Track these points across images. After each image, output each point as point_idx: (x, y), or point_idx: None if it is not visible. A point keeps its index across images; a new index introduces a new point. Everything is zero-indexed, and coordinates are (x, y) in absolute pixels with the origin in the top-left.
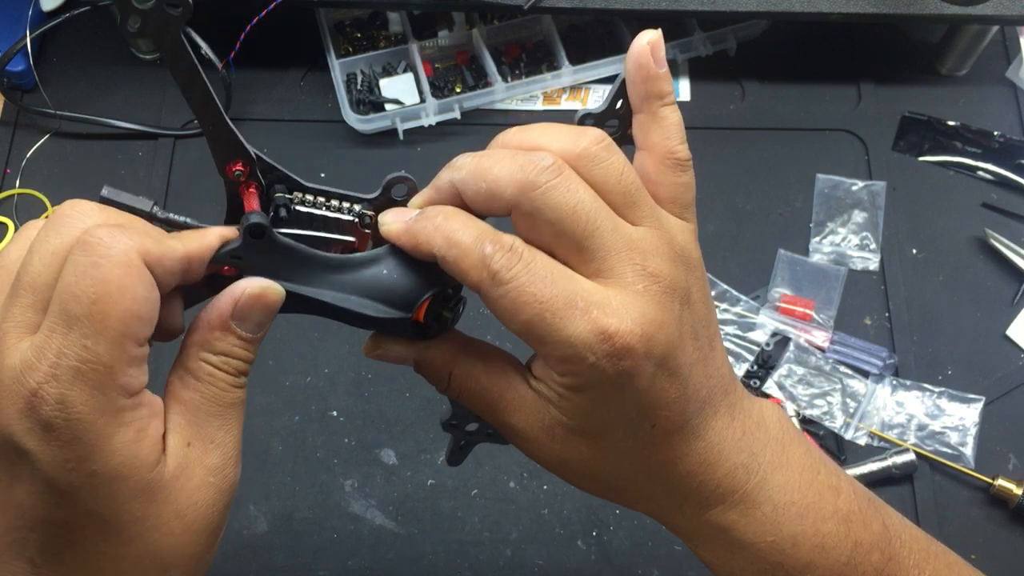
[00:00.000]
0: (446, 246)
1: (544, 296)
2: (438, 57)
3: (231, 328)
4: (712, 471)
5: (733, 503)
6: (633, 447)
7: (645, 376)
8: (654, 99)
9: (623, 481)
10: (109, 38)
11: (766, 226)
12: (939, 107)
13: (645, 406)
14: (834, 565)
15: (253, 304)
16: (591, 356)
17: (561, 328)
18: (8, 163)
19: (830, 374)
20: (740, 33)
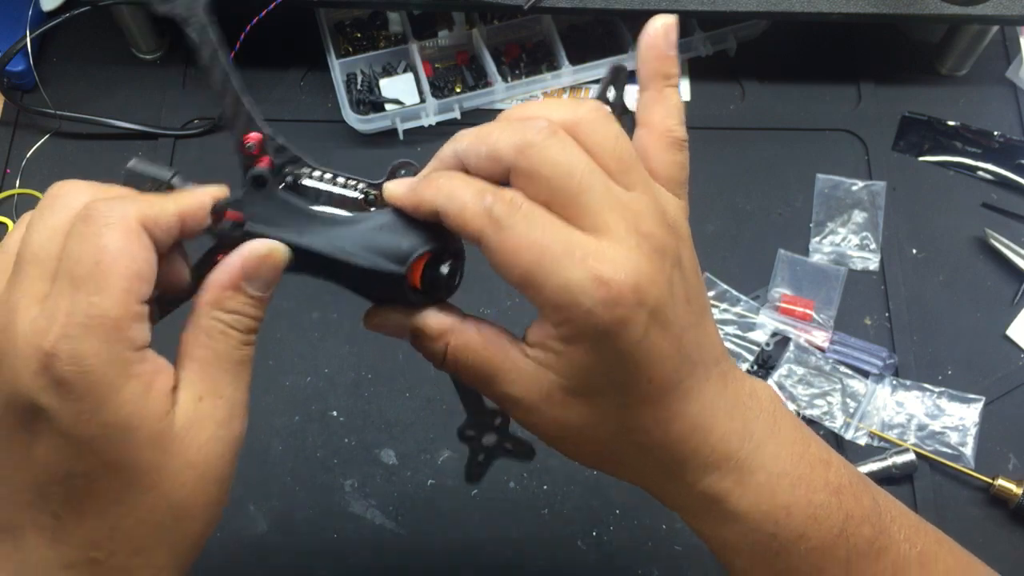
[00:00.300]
0: (447, 200)
1: (543, 243)
2: (438, 57)
3: (241, 287)
4: (706, 435)
5: (728, 471)
6: (629, 405)
7: (639, 326)
8: (661, 78)
9: (620, 447)
10: (109, 38)
11: (766, 226)
12: (939, 107)
13: (639, 359)
14: (826, 536)
15: (261, 263)
16: (587, 301)
17: (558, 274)
18: (8, 163)
19: (830, 374)
20: (740, 33)
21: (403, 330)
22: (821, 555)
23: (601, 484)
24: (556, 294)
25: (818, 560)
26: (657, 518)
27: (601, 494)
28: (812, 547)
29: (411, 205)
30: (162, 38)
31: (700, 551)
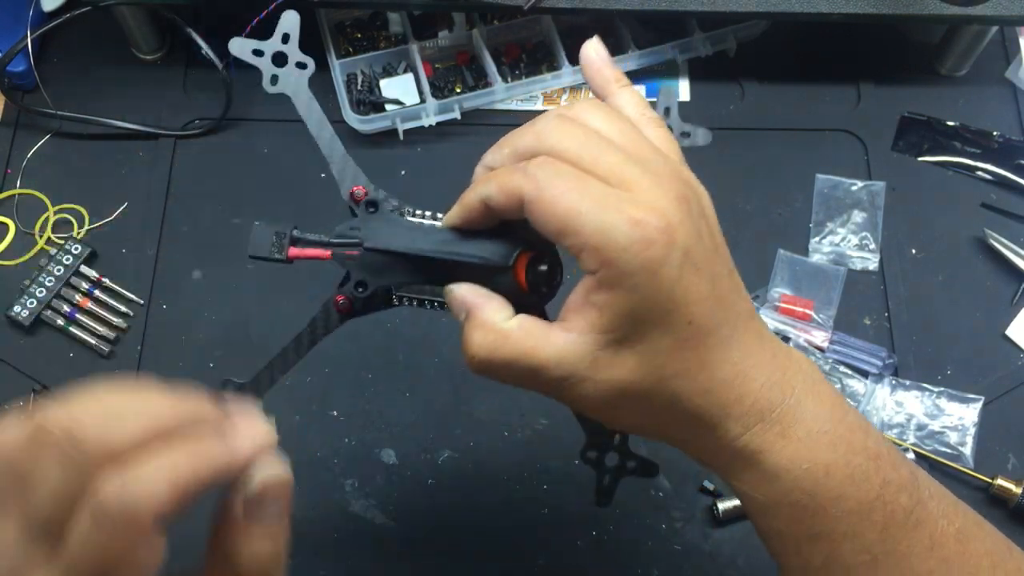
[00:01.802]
0: (487, 188)
1: (579, 192)
2: (438, 57)
3: (252, 531)
4: (748, 383)
5: (770, 422)
6: (672, 349)
7: (674, 264)
8: (611, 83)
9: (667, 398)
10: (110, 38)
11: (766, 226)
12: (939, 107)
13: (677, 297)
14: (864, 499)
15: (265, 497)
16: (623, 240)
17: (596, 217)
18: (8, 163)
19: (829, 374)
20: (740, 33)
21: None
22: (858, 519)
23: None
24: (594, 236)
25: (855, 523)
26: (657, 518)
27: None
28: (849, 509)
29: (463, 216)
30: (163, 38)
31: (700, 551)
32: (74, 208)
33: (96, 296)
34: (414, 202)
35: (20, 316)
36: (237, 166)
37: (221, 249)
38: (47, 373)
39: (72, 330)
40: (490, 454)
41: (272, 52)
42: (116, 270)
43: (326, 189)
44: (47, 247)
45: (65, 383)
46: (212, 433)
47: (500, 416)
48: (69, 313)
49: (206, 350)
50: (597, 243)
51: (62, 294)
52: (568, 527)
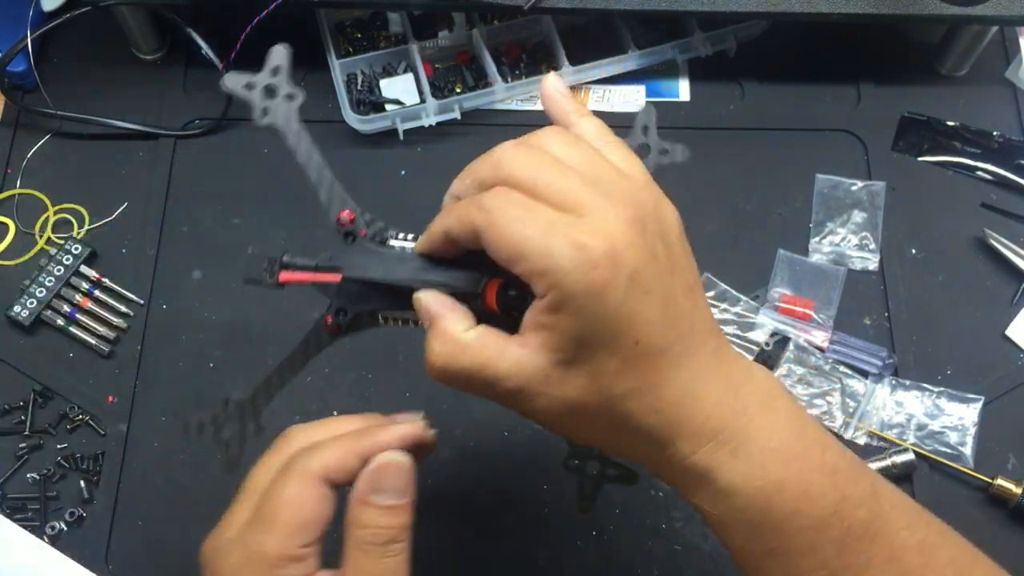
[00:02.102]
0: (448, 219)
1: (527, 220)
2: (438, 57)
3: (369, 501)
4: (698, 403)
5: (720, 442)
6: (620, 370)
7: (619, 288)
8: (571, 114)
9: (617, 416)
10: (110, 38)
11: (766, 226)
12: (938, 107)
13: (622, 320)
14: (820, 514)
15: (381, 474)
16: (567, 264)
17: (540, 244)
18: (8, 163)
19: (829, 374)
20: (740, 33)
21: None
22: (814, 534)
23: None
24: (540, 262)
25: (811, 539)
26: (657, 518)
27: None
28: (804, 526)
29: (430, 246)
30: (163, 38)
31: (700, 551)
32: (74, 208)
33: (96, 296)
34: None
35: (20, 316)
36: (237, 166)
37: (221, 249)
38: (47, 373)
39: (72, 330)
40: (490, 454)
41: (263, 85)
42: (116, 270)
43: None
44: (47, 247)
45: (65, 383)
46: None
47: (500, 416)
48: (69, 313)
49: (206, 350)
50: (543, 268)
51: (62, 294)
52: (568, 527)
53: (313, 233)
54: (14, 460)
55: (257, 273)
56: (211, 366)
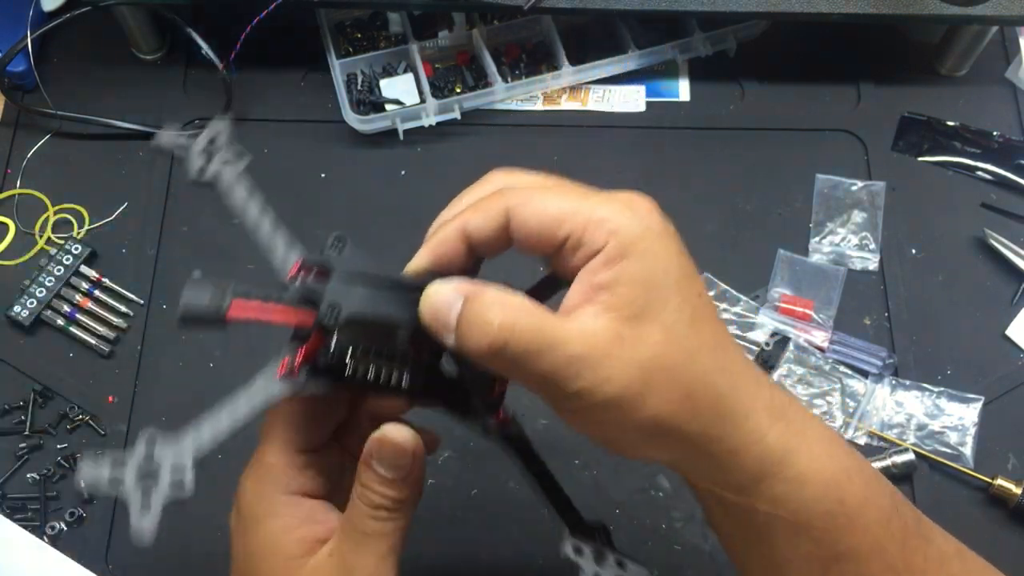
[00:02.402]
0: (475, 212)
1: (563, 194)
2: (438, 57)
3: (371, 465)
4: (761, 375)
5: (789, 421)
6: (693, 318)
7: (672, 234)
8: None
9: (697, 373)
10: (109, 38)
11: (766, 226)
12: (938, 107)
13: (686, 266)
14: (884, 507)
15: (380, 445)
16: (624, 208)
17: (589, 203)
18: (8, 163)
19: (829, 374)
20: (740, 33)
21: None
22: (881, 529)
23: (601, 484)
24: (595, 213)
25: (879, 536)
26: (657, 518)
27: (601, 494)
28: (872, 519)
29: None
30: (163, 38)
31: (700, 551)
32: (74, 208)
33: (96, 296)
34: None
35: (20, 316)
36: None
37: (221, 249)
38: (47, 373)
39: (72, 330)
40: (490, 454)
41: (200, 148)
42: (116, 270)
43: (326, 189)
44: (47, 247)
45: (65, 383)
46: None
47: None
48: (69, 313)
49: (206, 350)
50: (600, 216)
51: (62, 294)
52: None
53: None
54: (14, 460)
55: (200, 308)
56: (211, 366)
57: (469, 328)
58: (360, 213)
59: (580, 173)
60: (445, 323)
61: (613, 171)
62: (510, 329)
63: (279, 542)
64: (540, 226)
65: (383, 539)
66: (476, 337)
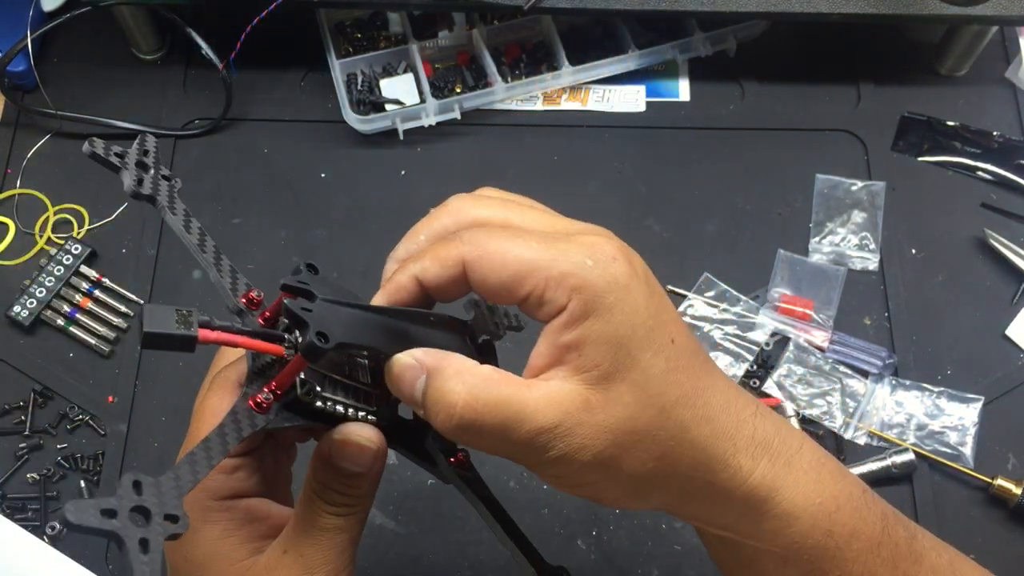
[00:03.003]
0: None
1: (523, 242)
2: (438, 57)
3: (331, 462)
4: (741, 410)
5: (775, 454)
6: (666, 370)
7: (641, 280)
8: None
9: (675, 428)
10: (109, 38)
11: (766, 226)
12: (938, 107)
13: (655, 315)
14: (872, 534)
15: (342, 446)
16: (587, 261)
17: (549, 255)
18: (8, 163)
19: (829, 374)
20: (740, 33)
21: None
22: (870, 557)
23: None
24: (555, 269)
25: (869, 563)
26: (657, 518)
27: None
28: (862, 548)
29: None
30: (163, 38)
31: (700, 551)
32: (74, 208)
33: (96, 296)
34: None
35: (20, 316)
36: (237, 166)
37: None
38: (47, 373)
39: (72, 330)
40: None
41: (134, 160)
42: (116, 270)
43: (326, 189)
44: (47, 247)
45: (65, 383)
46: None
47: None
48: (69, 313)
49: (206, 350)
50: (560, 272)
51: (62, 294)
52: (568, 527)
53: (314, 233)
54: (14, 460)
55: (167, 325)
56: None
57: (435, 407)
58: (360, 213)
59: (580, 173)
60: (411, 399)
61: (613, 171)
62: (474, 409)
63: (219, 549)
64: (499, 285)
65: (343, 533)
66: (442, 418)
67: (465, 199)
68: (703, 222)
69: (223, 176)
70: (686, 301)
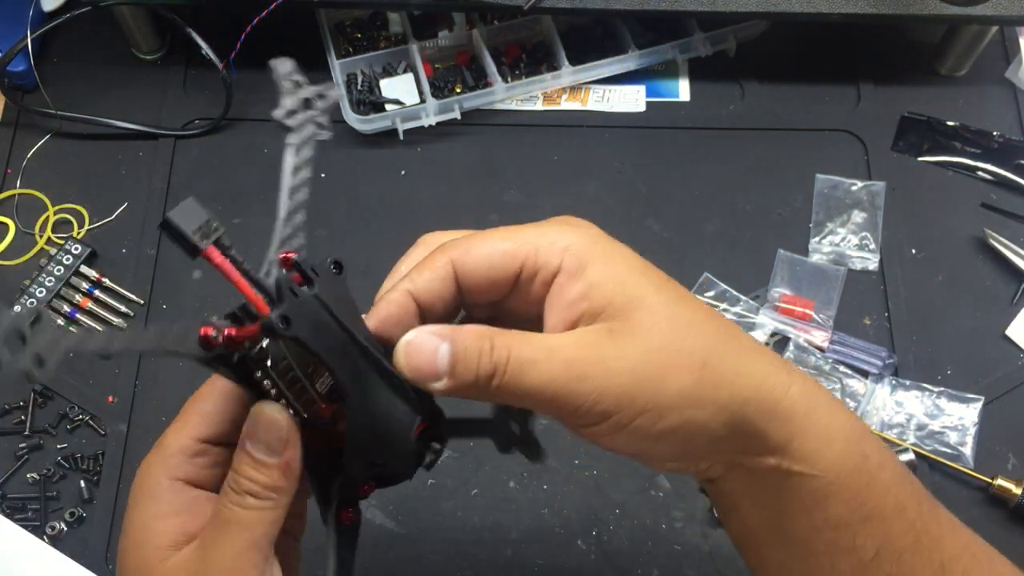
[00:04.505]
0: (418, 273)
1: (502, 234)
2: (438, 57)
3: (243, 446)
4: (757, 342)
5: (803, 377)
6: (677, 296)
7: (617, 244)
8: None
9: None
10: (110, 38)
11: (765, 226)
12: (938, 107)
13: (643, 263)
14: (898, 470)
15: (255, 422)
16: (571, 230)
17: (532, 232)
18: (9, 163)
19: (829, 374)
20: (740, 33)
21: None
22: (899, 489)
23: (601, 484)
24: (539, 239)
25: (899, 495)
26: (657, 518)
27: (601, 494)
28: (890, 479)
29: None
30: (163, 38)
31: (700, 551)
32: (74, 208)
33: (96, 296)
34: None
35: None
36: (237, 166)
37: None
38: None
39: (72, 330)
40: (490, 454)
41: (305, 96)
42: (116, 270)
43: (326, 189)
44: (47, 247)
45: (65, 383)
46: None
47: None
48: (69, 313)
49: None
50: (548, 240)
51: (62, 294)
52: (568, 527)
53: (314, 234)
54: (14, 460)
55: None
56: None
57: (465, 364)
58: (360, 213)
59: (580, 173)
60: (432, 370)
61: (613, 171)
62: (505, 347)
63: (150, 528)
64: (491, 266)
65: (245, 530)
66: (472, 368)
67: (436, 233)
68: (703, 222)
69: (223, 176)
70: None
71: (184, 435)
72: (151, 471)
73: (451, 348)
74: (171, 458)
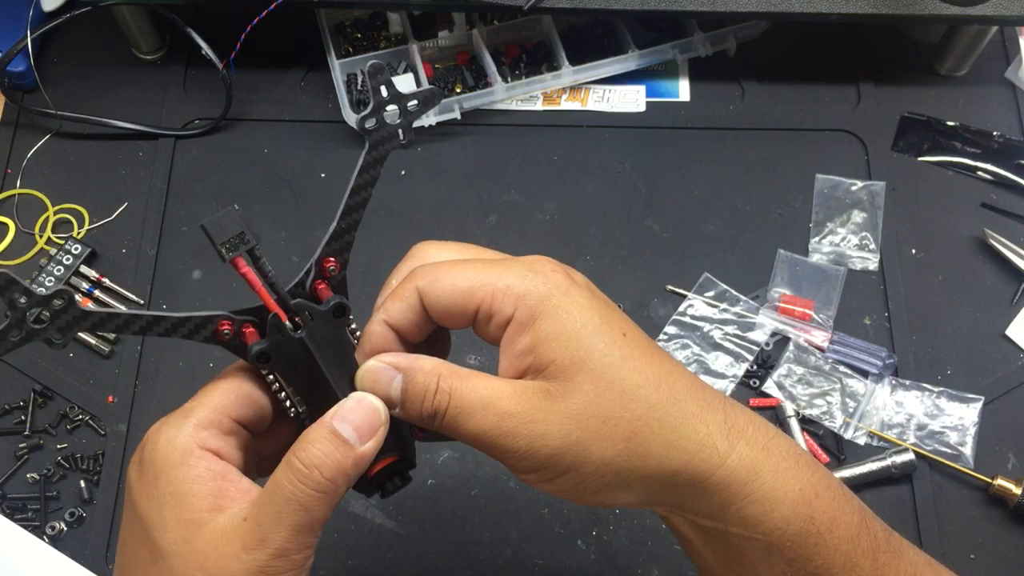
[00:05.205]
0: (391, 302)
1: (470, 266)
2: (438, 57)
3: (328, 424)
4: (712, 396)
5: (749, 438)
6: (625, 356)
7: (580, 288)
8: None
9: (642, 407)
10: (109, 38)
11: (765, 226)
12: (938, 107)
13: (599, 313)
14: (851, 524)
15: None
16: (530, 274)
17: (495, 271)
18: (9, 163)
19: (829, 374)
20: (740, 33)
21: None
22: (851, 546)
23: None
24: (500, 282)
25: (849, 552)
26: (657, 518)
27: None
28: (842, 536)
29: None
30: (163, 38)
31: None
32: (74, 208)
33: (96, 296)
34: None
35: None
36: (237, 166)
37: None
38: (47, 373)
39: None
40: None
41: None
42: (116, 270)
43: (326, 189)
44: (47, 247)
45: (65, 383)
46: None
47: None
48: None
49: (206, 350)
50: (505, 284)
51: None
52: (568, 527)
53: (314, 234)
54: (14, 460)
55: (220, 233)
56: (211, 366)
57: (413, 399)
58: None
59: (580, 173)
60: (387, 398)
61: (613, 171)
62: (447, 393)
63: (192, 490)
64: (451, 302)
65: (305, 511)
66: (418, 406)
67: (428, 244)
68: (703, 222)
69: (223, 176)
70: (686, 301)
71: (219, 412)
72: (181, 439)
73: (402, 383)
74: (203, 430)
